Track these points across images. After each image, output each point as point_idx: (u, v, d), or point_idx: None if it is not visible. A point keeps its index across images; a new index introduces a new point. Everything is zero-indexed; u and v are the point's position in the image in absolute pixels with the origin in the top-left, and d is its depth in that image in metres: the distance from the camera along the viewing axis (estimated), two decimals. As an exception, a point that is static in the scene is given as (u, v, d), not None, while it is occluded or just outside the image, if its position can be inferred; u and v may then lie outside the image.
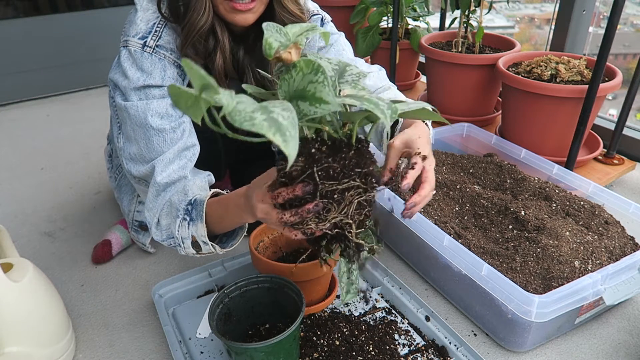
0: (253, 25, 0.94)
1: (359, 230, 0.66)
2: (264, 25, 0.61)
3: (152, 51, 0.91)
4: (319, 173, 0.61)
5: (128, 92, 0.92)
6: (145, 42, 0.90)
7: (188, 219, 0.88)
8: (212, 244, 0.90)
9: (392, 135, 0.89)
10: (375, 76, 1.08)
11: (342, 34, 1.13)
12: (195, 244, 0.91)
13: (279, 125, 0.48)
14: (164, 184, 0.91)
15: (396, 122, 0.94)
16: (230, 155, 1.17)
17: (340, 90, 0.61)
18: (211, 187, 0.95)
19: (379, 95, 1.01)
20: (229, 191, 0.89)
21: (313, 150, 0.62)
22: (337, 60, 0.66)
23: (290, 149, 0.47)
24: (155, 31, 0.91)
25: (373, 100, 0.55)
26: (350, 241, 0.67)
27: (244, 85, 0.65)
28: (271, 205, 0.68)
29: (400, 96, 1.04)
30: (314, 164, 0.61)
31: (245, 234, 0.95)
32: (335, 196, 0.62)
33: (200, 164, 0.98)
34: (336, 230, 0.65)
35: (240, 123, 0.48)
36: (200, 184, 0.93)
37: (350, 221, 0.64)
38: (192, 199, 0.89)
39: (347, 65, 0.67)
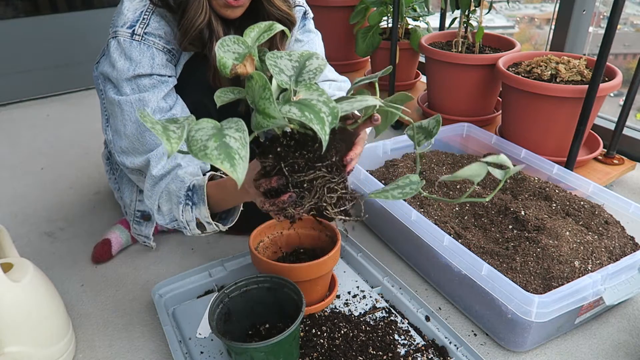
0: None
1: (336, 210, 0.73)
2: (218, 42, 0.66)
3: (141, 39, 0.92)
4: (287, 168, 0.69)
5: (120, 84, 0.94)
6: (134, 30, 0.93)
7: (190, 203, 0.93)
8: (215, 223, 0.95)
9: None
10: (336, 74, 1.19)
11: (319, 35, 1.19)
12: (199, 225, 0.96)
13: (229, 151, 0.54)
14: (159, 175, 0.96)
15: None
16: None
17: (295, 93, 0.64)
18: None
19: (331, 91, 1.13)
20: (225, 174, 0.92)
21: (279, 149, 0.70)
22: (298, 55, 0.69)
23: (238, 174, 0.53)
24: (143, 19, 0.94)
25: (315, 109, 0.58)
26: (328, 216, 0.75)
27: (227, 89, 0.68)
28: (258, 192, 0.74)
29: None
30: (280, 160, 0.70)
31: (241, 208, 0.99)
32: (305, 185, 0.70)
33: None
34: (313, 211, 0.74)
35: (195, 153, 0.55)
36: (193, 170, 0.97)
37: (324, 204, 0.72)
38: (191, 184, 0.93)
39: (307, 59, 0.69)
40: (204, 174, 0.96)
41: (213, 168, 1.00)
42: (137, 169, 1.01)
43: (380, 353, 0.89)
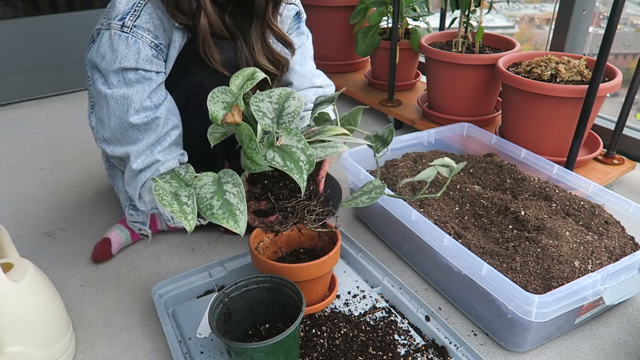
0: None
1: (315, 225, 0.87)
2: (209, 96, 0.74)
3: (129, 31, 0.94)
4: (272, 197, 0.84)
5: (108, 75, 0.96)
6: (124, 22, 0.94)
7: None
8: (197, 219, 0.96)
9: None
10: (322, 80, 1.25)
11: (310, 36, 1.26)
12: None
13: (231, 208, 0.66)
14: (138, 170, 1.00)
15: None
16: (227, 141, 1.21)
17: (278, 137, 0.75)
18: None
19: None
20: None
21: (266, 182, 0.84)
22: (277, 95, 0.80)
23: (241, 228, 0.65)
24: (135, 10, 0.95)
25: (295, 157, 0.70)
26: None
27: (217, 126, 0.76)
28: (247, 210, 0.83)
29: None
30: (267, 191, 0.84)
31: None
32: (289, 209, 0.85)
33: (196, 148, 1.04)
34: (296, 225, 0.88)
35: (204, 212, 0.65)
36: (173, 166, 1.01)
37: (306, 222, 0.87)
38: None
39: (285, 100, 0.80)
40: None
41: (191, 160, 1.04)
42: (117, 157, 1.05)
43: (380, 353, 0.89)
